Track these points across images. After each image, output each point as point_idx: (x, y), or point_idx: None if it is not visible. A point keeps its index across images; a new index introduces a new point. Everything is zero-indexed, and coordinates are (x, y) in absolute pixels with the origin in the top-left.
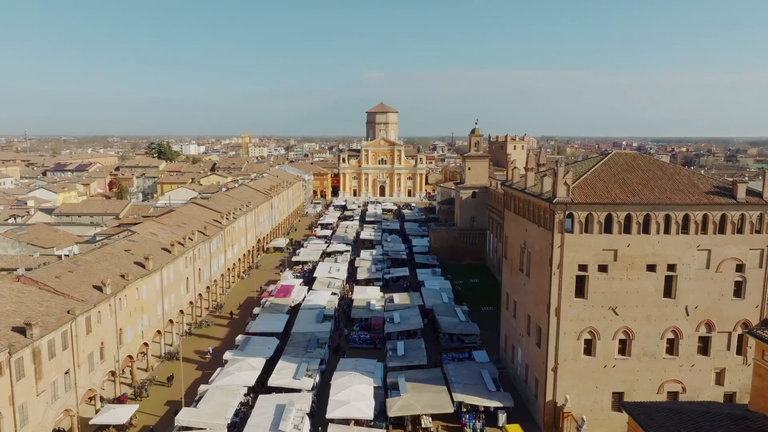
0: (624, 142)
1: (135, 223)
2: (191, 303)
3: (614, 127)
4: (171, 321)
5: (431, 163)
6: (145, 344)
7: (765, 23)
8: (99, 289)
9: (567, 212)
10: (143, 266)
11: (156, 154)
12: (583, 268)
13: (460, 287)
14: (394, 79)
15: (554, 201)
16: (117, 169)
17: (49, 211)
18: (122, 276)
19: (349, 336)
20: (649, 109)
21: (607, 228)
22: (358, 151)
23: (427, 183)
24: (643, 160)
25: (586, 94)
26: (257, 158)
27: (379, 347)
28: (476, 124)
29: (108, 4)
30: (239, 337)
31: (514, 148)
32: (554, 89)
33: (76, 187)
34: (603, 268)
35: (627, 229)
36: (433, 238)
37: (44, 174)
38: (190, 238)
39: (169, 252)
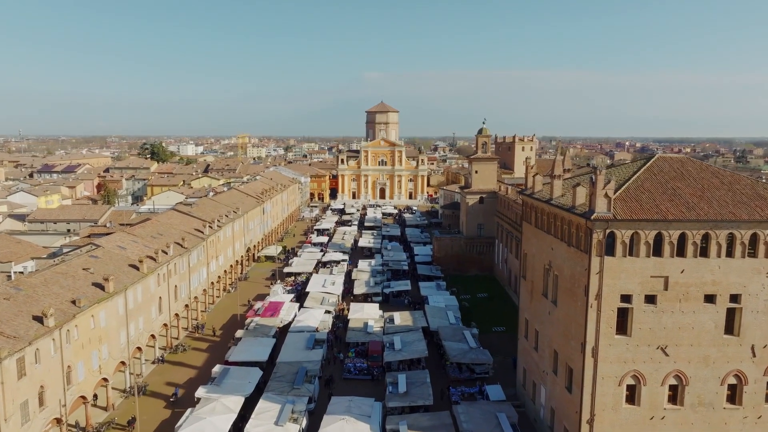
0: (627, 143)
1: (108, 233)
2: (165, 325)
3: (614, 127)
4: (139, 349)
5: (433, 164)
6: (105, 380)
7: (765, 23)
8: (39, 320)
9: (608, 231)
10: (103, 288)
11: (149, 155)
12: (626, 298)
13: (467, 303)
14: (394, 79)
15: (592, 217)
16: (106, 170)
17: (22, 218)
18: (73, 302)
19: (343, 363)
20: (648, 110)
21: (657, 250)
22: (358, 151)
23: (428, 185)
24: (694, 165)
25: (586, 94)
26: (254, 159)
27: (377, 378)
28: (484, 123)
29: (109, 5)
30: (216, 368)
31: (522, 149)
32: (554, 89)
33: (59, 190)
34: (651, 299)
35: (681, 252)
36: (437, 246)
37: (30, 176)
38: (164, 252)
39: (138, 269)
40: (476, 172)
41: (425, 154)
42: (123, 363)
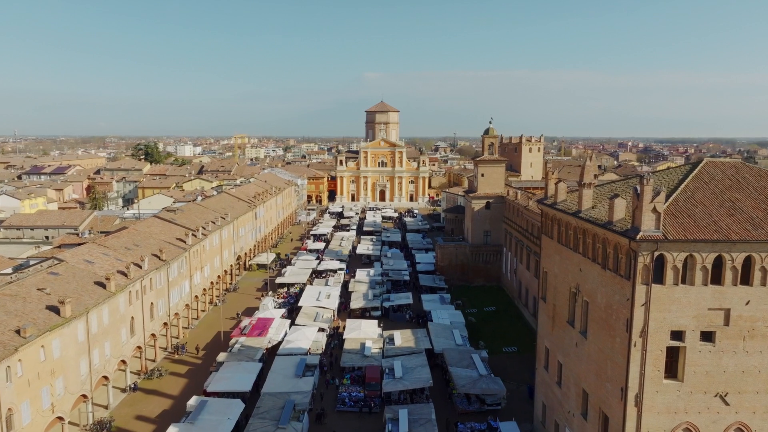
0: (629, 143)
1: (81, 243)
2: (139, 348)
3: (614, 127)
4: (105, 378)
5: (434, 165)
6: (60, 418)
7: (765, 23)
8: None
9: (656, 253)
10: (59, 312)
11: (143, 156)
12: (677, 336)
13: (474, 318)
14: (394, 79)
15: (638, 236)
16: (97, 172)
17: None
18: (17, 331)
19: (337, 390)
20: (648, 110)
21: (716, 277)
22: (357, 152)
23: (430, 187)
24: (750, 172)
25: (586, 94)
26: (251, 160)
27: (375, 411)
28: (490, 123)
29: (110, 5)
30: (192, 401)
31: (530, 150)
32: (554, 89)
33: (46, 193)
34: (708, 337)
35: (746, 279)
36: (441, 255)
37: (19, 177)
38: (138, 265)
39: (104, 287)
40: (482, 175)
41: (426, 155)
42: (84, 396)
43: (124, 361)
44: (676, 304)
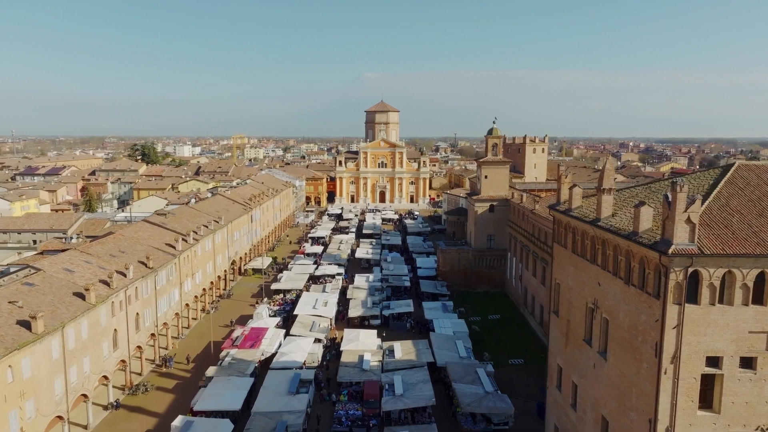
0: (631, 143)
1: (64, 249)
2: (123, 362)
3: (614, 127)
4: (85, 396)
5: (435, 165)
6: None
7: (765, 23)
8: None
9: (690, 270)
10: (30, 327)
11: (139, 157)
12: (713, 362)
13: (478, 327)
14: (394, 79)
15: (670, 250)
16: (92, 173)
17: None
18: None
19: (334, 406)
20: (648, 110)
21: (758, 296)
22: (357, 153)
23: (431, 188)
24: None
25: (586, 95)
26: (249, 161)
27: (373, 431)
28: (494, 123)
29: (110, 5)
30: (177, 421)
31: (534, 151)
32: (554, 89)
33: (38, 195)
34: (748, 363)
35: None
36: (442, 260)
37: (13, 178)
38: (122, 274)
39: (84, 299)
40: (486, 177)
41: (427, 156)
42: (60, 417)
43: (106, 377)
44: (713, 327)
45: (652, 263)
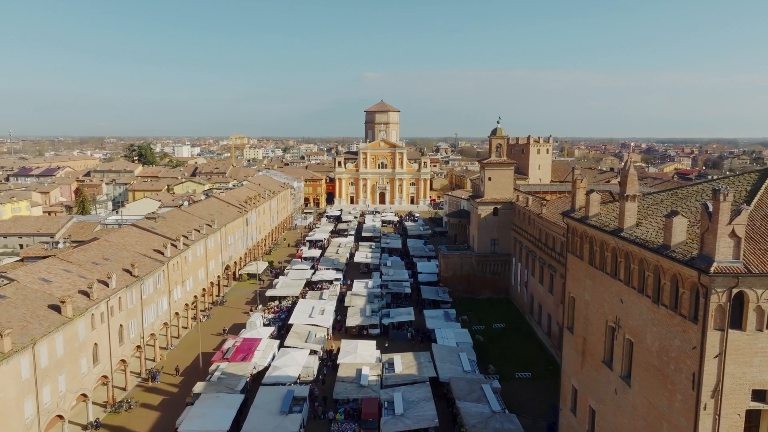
0: (632, 144)
1: (45, 256)
2: (105, 377)
3: (614, 127)
4: (60, 417)
5: (435, 166)
6: None
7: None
8: None
9: (734, 291)
10: None
11: (136, 157)
12: (760, 396)
13: (482, 337)
14: (394, 79)
15: (712, 269)
16: (87, 174)
17: None
18: None
19: (330, 425)
20: (649, 110)
21: None
22: (356, 153)
23: (431, 189)
24: None
25: (586, 95)
26: (248, 161)
27: None
28: (498, 123)
29: (110, 5)
30: None
31: (538, 152)
32: (554, 89)
33: (30, 196)
34: None
35: None
36: (444, 265)
37: (7, 179)
38: (103, 283)
39: (59, 312)
40: (489, 179)
41: (428, 156)
42: None
43: (84, 395)
44: (760, 356)
45: (688, 282)
